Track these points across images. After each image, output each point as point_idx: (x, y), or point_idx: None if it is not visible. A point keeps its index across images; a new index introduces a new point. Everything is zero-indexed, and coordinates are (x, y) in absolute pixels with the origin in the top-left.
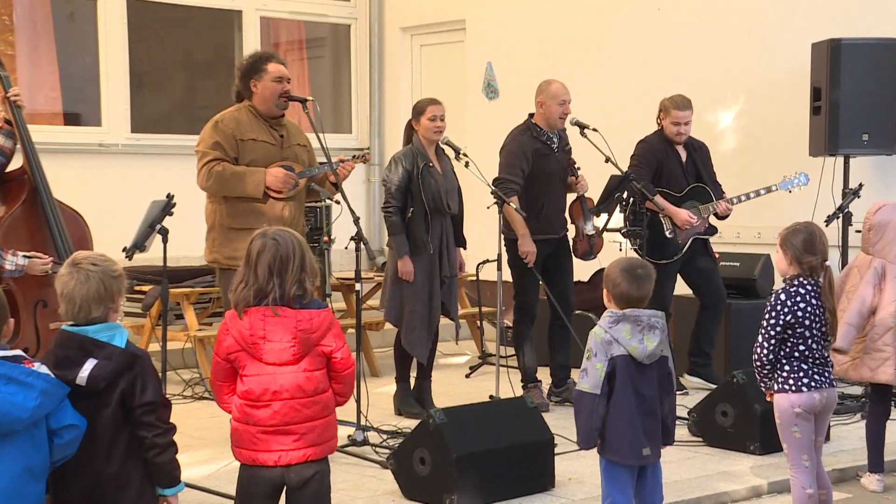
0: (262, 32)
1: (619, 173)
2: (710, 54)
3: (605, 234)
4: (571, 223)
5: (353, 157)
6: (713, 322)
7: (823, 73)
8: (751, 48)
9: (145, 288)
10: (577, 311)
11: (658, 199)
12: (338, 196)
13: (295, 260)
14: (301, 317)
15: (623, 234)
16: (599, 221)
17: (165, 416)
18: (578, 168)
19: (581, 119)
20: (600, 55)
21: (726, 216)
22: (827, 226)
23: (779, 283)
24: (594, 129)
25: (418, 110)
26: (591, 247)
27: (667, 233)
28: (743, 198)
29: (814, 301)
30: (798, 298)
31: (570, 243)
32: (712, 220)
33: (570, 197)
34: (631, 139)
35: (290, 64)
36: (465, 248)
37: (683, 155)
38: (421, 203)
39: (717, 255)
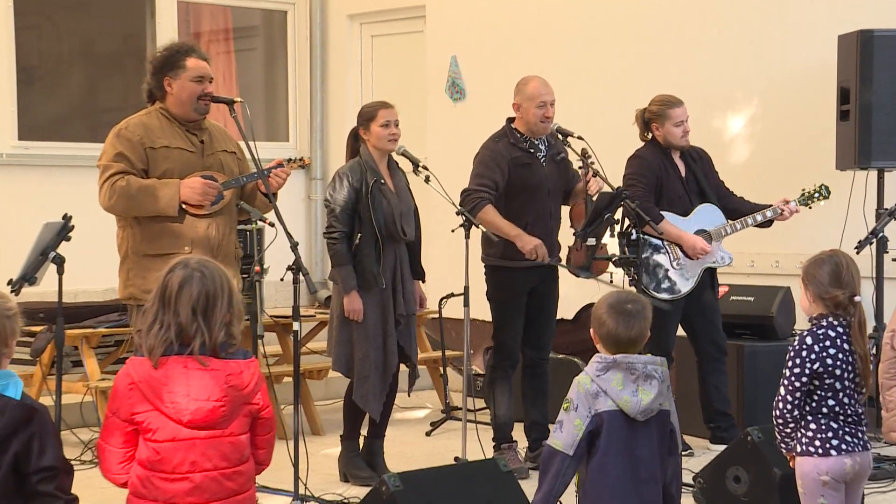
0: (179, 19)
1: (610, 189)
2: (717, 48)
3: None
4: (570, 227)
5: (289, 160)
6: (720, 375)
7: (852, 71)
8: (765, 41)
9: (36, 329)
10: (561, 356)
11: (666, 225)
12: (272, 217)
13: (223, 298)
14: (231, 369)
15: (615, 263)
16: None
17: (67, 485)
18: (592, 163)
19: (564, 125)
20: (587, 49)
21: (768, 222)
22: (858, 253)
23: (802, 322)
24: (579, 138)
25: (367, 116)
26: (589, 261)
27: (673, 264)
28: (794, 204)
29: (846, 346)
30: (827, 343)
31: (566, 256)
32: (744, 237)
33: (564, 222)
34: (622, 148)
35: (215, 58)
36: (423, 281)
37: (682, 168)
38: (371, 228)
39: (725, 288)
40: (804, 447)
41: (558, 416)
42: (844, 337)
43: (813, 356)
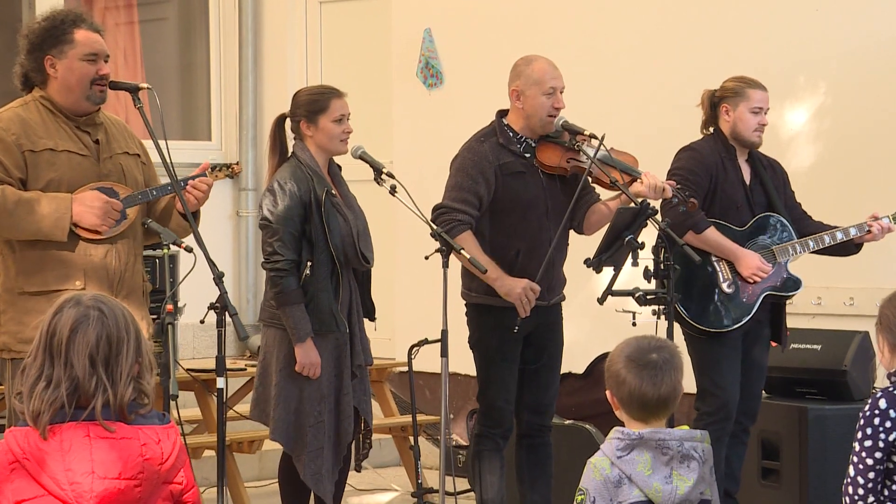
0: None
1: (633, 205)
2: (771, 19)
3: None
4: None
5: (214, 168)
6: (739, 445)
7: None
8: (837, 6)
9: None
10: (569, 421)
11: (713, 234)
12: (189, 240)
13: (129, 343)
14: (147, 437)
15: (638, 301)
16: (604, 279)
17: None
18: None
19: (571, 121)
20: (599, 23)
21: (852, 243)
22: None
23: (882, 379)
24: (591, 136)
25: (316, 106)
26: (604, 296)
27: (724, 286)
28: (887, 220)
29: None
30: None
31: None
32: (809, 266)
33: (572, 244)
34: (646, 151)
35: (113, 31)
36: (372, 320)
37: (747, 173)
38: (326, 254)
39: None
40: None
41: None
42: None
43: (888, 424)
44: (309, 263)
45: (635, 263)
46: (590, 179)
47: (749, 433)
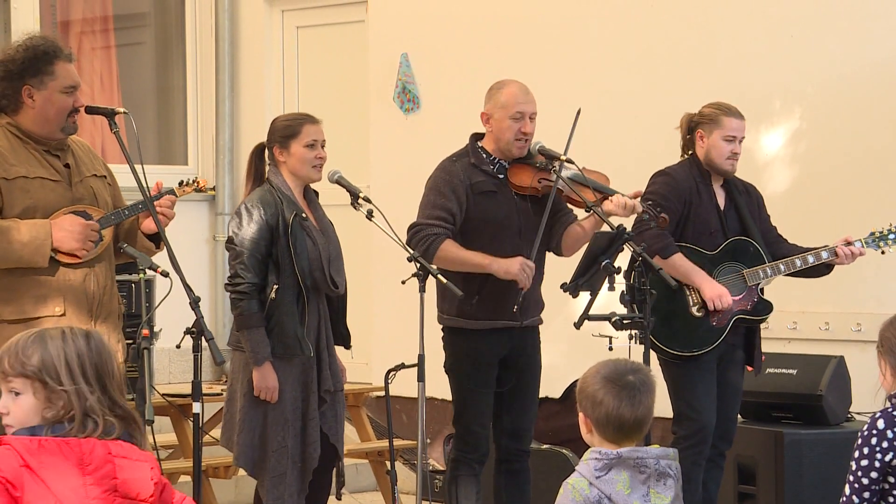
0: (42, 4)
1: (609, 229)
2: (748, 44)
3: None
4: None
5: (181, 183)
6: (716, 469)
7: None
8: (812, 33)
9: None
10: (545, 445)
11: (680, 260)
12: (164, 263)
13: (109, 366)
14: (152, 460)
15: (615, 325)
16: (580, 303)
17: None
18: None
19: (548, 146)
20: (580, 47)
21: (824, 266)
22: None
23: (860, 402)
24: (568, 161)
25: (287, 131)
26: (581, 320)
27: (694, 309)
28: (859, 245)
29: None
30: None
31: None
32: (784, 290)
33: (549, 267)
34: (624, 174)
35: (90, 54)
36: (347, 347)
37: (722, 198)
38: (292, 278)
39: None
40: None
41: None
42: None
43: (885, 444)
44: (275, 287)
45: (612, 288)
46: (561, 198)
47: (725, 457)
